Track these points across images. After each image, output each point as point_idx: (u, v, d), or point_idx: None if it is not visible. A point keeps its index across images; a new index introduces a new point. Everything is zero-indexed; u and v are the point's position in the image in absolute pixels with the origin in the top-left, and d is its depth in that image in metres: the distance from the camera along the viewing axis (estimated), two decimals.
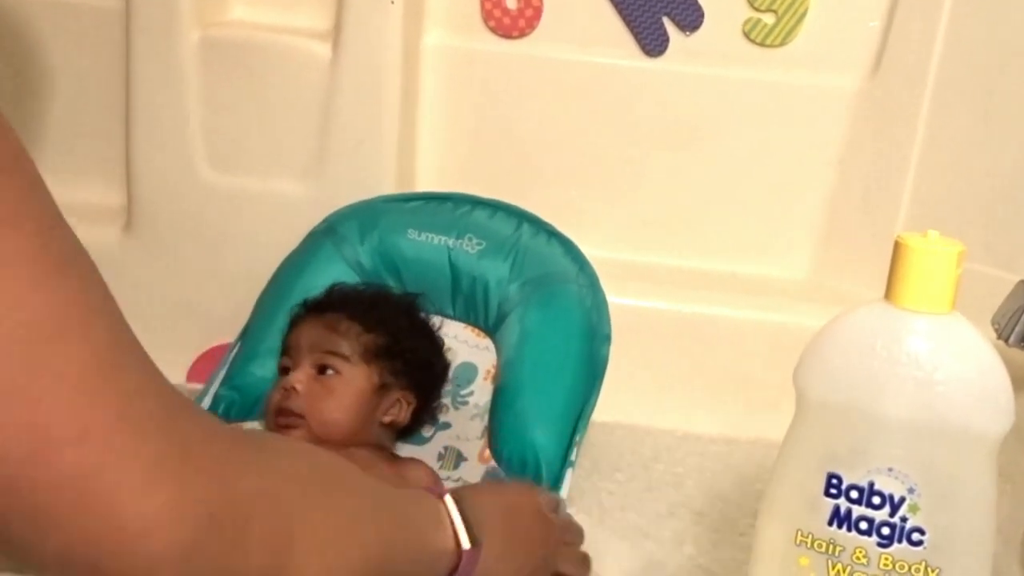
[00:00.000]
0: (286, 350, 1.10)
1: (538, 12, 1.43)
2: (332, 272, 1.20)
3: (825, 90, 1.43)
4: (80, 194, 1.46)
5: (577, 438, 1.08)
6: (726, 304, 1.38)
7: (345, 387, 1.06)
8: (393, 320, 1.11)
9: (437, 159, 1.45)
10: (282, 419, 1.04)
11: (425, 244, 1.20)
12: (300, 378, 1.05)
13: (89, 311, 0.49)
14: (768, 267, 1.46)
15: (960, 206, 1.33)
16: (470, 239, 1.19)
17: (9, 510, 0.47)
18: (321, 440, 1.02)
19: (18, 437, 0.46)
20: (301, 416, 1.04)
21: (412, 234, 1.20)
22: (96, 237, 1.42)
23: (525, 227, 1.21)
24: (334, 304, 1.11)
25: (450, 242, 1.19)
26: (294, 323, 1.11)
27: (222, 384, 1.17)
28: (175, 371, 1.31)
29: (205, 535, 0.51)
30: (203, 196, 1.38)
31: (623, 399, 1.32)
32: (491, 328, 1.18)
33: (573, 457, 1.07)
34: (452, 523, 0.76)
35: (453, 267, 1.18)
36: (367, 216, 1.24)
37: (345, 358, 1.06)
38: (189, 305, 1.39)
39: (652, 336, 1.36)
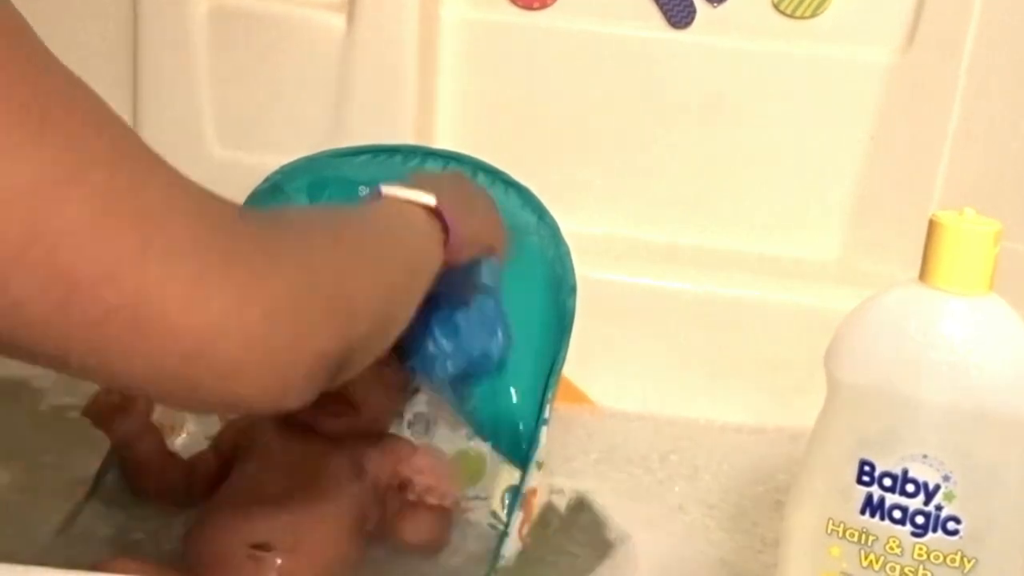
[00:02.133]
0: None
1: None
2: None
3: (857, 63, 1.40)
4: None
5: (549, 395, 1.06)
6: (754, 286, 1.36)
7: (395, 378, 1.01)
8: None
9: (456, 134, 1.43)
10: (331, 406, 0.95)
11: None
12: None
13: (88, 151, 0.51)
14: (797, 247, 1.44)
15: (997, 183, 1.31)
16: None
17: (73, 348, 0.50)
18: (355, 432, 0.98)
19: (48, 285, 0.48)
20: (356, 408, 0.98)
21: (364, 192, 1.15)
22: None
23: (481, 177, 1.15)
24: None
25: None
26: None
27: None
28: None
29: (270, 328, 0.55)
30: (213, 173, 1.30)
31: (644, 384, 1.31)
32: None
33: (547, 415, 1.05)
34: (411, 200, 0.79)
35: None
36: (314, 174, 1.17)
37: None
38: None
39: (675, 319, 1.34)
